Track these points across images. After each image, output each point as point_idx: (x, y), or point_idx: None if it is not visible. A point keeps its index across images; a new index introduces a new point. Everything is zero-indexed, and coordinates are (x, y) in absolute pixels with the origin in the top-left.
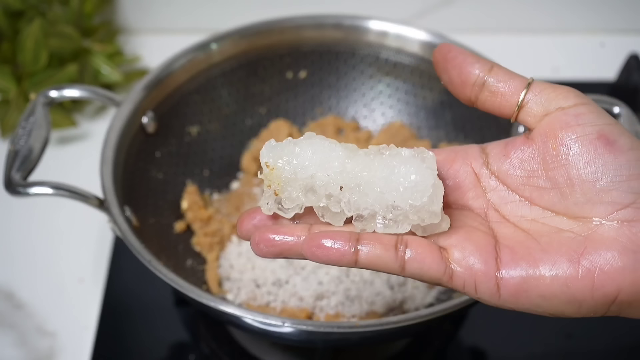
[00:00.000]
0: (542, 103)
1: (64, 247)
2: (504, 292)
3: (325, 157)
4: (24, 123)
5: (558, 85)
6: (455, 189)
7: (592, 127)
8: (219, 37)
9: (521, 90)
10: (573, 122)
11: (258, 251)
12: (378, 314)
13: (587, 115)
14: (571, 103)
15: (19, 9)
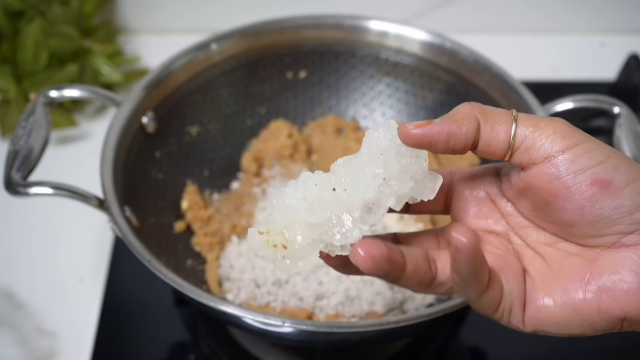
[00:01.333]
0: (528, 151)
1: (64, 247)
2: (526, 320)
3: (306, 191)
4: (24, 123)
5: (543, 121)
6: (475, 216)
7: (584, 174)
8: (219, 37)
9: (508, 140)
10: (563, 173)
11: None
12: (378, 314)
13: (578, 161)
14: (558, 148)
15: (19, 9)
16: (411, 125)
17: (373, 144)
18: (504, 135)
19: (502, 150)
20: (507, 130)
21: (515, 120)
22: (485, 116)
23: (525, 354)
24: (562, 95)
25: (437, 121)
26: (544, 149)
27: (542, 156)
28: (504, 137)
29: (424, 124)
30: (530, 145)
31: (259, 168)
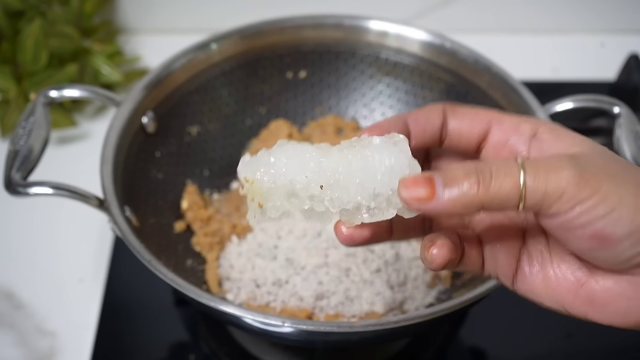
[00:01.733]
0: (536, 208)
1: (64, 247)
2: (516, 287)
3: (300, 160)
4: (24, 123)
5: (552, 176)
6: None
7: (583, 229)
8: (219, 37)
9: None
10: (563, 236)
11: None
12: (378, 314)
13: (580, 219)
14: (565, 208)
15: (19, 9)
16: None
17: (372, 158)
18: (514, 192)
19: (513, 207)
20: (517, 185)
21: (523, 168)
22: (485, 175)
23: (525, 354)
24: (562, 95)
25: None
26: (552, 209)
27: (549, 213)
28: (514, 194)
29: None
30: (539, 205)
31: None
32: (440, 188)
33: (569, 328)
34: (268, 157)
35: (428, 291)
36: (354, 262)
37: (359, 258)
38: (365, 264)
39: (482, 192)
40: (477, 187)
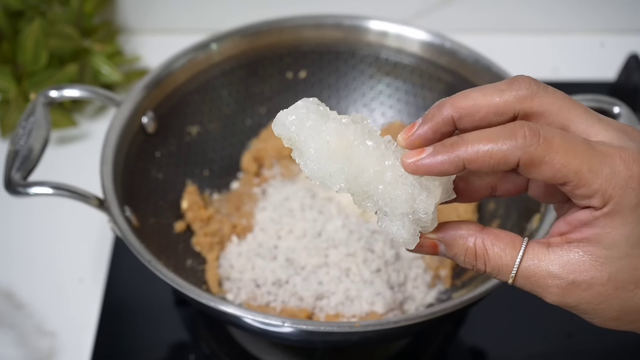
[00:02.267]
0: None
1: (64, 247)
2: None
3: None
4: (24, 123)
5: (551, 249)
6: None
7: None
8: (219, 37)
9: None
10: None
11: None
12: (378, 314)
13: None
14: (565, 281)
15: (19, 9)
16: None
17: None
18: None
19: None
20: (513, 259)
21: (523, 248)
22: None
23: (525, 354)
24: None
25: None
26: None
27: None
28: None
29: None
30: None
31: (259, 168)
32: (442, 253)
33: (570, 328)
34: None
35: (428, 291)
36: (354, 262)
37: (359, 258)
38: (365, 264)
39: (475, 270)
40: (471, 268)
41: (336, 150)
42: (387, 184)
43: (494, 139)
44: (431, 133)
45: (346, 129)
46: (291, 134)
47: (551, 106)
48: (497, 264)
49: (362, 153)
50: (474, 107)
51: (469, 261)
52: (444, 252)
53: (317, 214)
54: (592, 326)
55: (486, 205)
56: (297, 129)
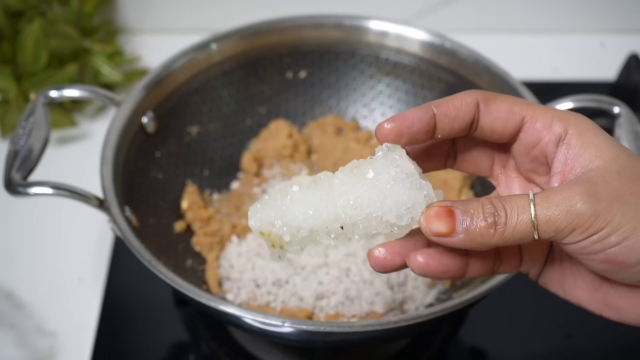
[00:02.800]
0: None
1: (64, 247)
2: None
3: (314, 208)
4: (24, 123)
5: (563, 213)
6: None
7: (596, 256)
8: (219, 37)
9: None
10: (579, 258)
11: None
12: (378, 314)
13: (593, 247)
14: (577, 239)
15: (19, 9)
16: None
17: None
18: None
19: (529, 241)
20: (529, 228)
21: (534, 207)
22: (500, 217)
23: (525, 354)
24: (562, 95)
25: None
26: (565, 241)
27: (563, 243)
28: (527, 234)
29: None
30: (553, 238)
31: (259, 168)
32: (460, 226)
33: (569, 328)
34: (278, 207)
35: (428, 291)
36: (353, 262)
37: (358, 258)
38: (365, 264)
39: (497, 237)
40: (494, 230)
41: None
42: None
43: (454, 97)
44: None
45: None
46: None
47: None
48: (514, 199)
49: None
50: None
51: (488, 210)
52: (460, 219)
53: None
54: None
55: None
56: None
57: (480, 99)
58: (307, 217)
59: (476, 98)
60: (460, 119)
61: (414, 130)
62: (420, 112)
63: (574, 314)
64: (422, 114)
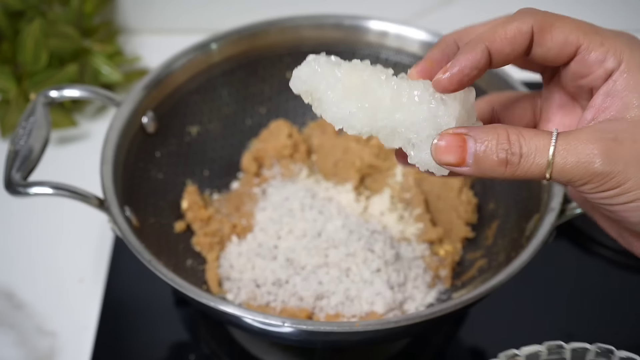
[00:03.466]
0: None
1: (64, 247)
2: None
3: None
4: (24, 123)
5: (579, 165)
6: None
7: (605, 207)
8: (219, 37)
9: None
10: (593, 203)
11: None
12: (378, 314)
13: (601, 201)
14: (586, 190)
15: (19, 9)
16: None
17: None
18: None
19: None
20: (543, 172)
21: (553, 153)
22: (514, 156)
23: None
24: None
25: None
26: (577, 188)
27: (575, 187)
28: (539, 176)
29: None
30: (565, 183)
31: (259, 168)
32: (470, 157)
33: (570, 328)
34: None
35: (428, 291)
36: (353, 262)
37: (358, 258)
38: (365, 264)
39: (508, 173)
40: (505, 168)
41: (351, 88)
42: (405, 110)
43: (505, 20)
44: (439, 54)
45: (357, 68)
46: (307, 87)
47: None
48: (534, 140)
49: (375, 85)
50: (471, 29)
51: (502, 147)
52: (472, 151)
53: (317, 214)
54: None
55: (486, 205)
56: (311, 80)
57: (536, 28)
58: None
59: (531, 27)
60: (515, 52)
61: (473, 75)
62: (475, 56)
63: (574, 314)
64: (479, 57)
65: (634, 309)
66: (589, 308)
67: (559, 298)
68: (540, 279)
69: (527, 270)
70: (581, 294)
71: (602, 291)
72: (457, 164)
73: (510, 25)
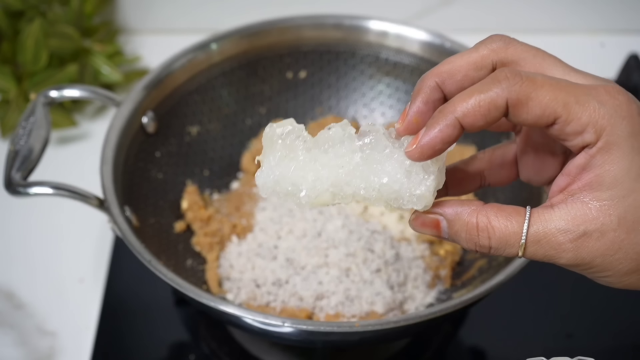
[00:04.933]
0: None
1: (64, 247)
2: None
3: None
4: (24, 123)
5: (549, 246)
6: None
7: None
8: (219, 37)
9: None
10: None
11: None
12: (378, 314)
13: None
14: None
15: (19, 9)
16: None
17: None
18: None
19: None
20: (520, 225)
21: (524, 242)
22: (483, 240)
23: (525, 354)
24: None
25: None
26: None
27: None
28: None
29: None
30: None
31: (258, 168)
32: (446, 235)
33: (570, 328)
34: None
35: (428, 291)
36: (353, 262)
37: (358, 258)
38: (365, 264)
39: (479, 249)
40: (477, 250)
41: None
42: (388, 177)
43: (479, 89)
44: (423, 105)
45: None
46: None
47: (526, 54)
48: (504, 234)
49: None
50: (454, 68)
51: (471, 238)
52: (445, 231)
53: (317, 214)
54: (592, 326)
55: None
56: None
57: (511, 101)
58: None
59: (505, 101)
60: (489, 123)
61: (444, 149)
62: (447, 131)
63: (574, 313)
64: (450, 132)
65: (634, 309)
66: (589, 308)
67: (559, 298)
68: (540, 279)
69: (527, 270)
70: (581, 294)
71: (602, 291)
72: (436, 236)
73: (484, 96)
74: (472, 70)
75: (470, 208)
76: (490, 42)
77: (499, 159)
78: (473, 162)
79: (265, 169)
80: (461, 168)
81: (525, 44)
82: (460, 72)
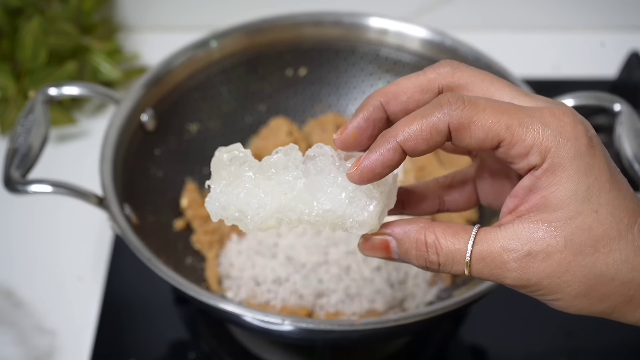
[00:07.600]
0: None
1: (64, 245)
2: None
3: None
4: (23, 121)
5: (494, 265)
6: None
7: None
8: (218, 35)
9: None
10: None
11: None
12: (378, 312)
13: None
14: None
15: (18, 6)
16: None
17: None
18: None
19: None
20: (465, 242)
21: (469, 260)
22: (432, 264)
23: (525, 353)
24: (562, 92)
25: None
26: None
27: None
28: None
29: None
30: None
31: None
32: (396, 255)
33: (570, 326)
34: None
35: (428, 289)
36: (354, 260)
37: (359, 256)
38: (365, 262)
39: (429, 265)
40: (427, 267)
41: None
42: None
43: (421, 114)
44: (363, 121)
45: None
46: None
47: (473, 78)
48: (450, 250)
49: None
50: (400, 89)
51: (420, 254)
52: (395, 251)
53: None
54: (592, 325)
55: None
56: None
57: (452, 126)
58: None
59: (447, 126)
60: (432, 148)
61: (386, 172)
62: (387, 155)
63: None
64: (391, 156)
65: None
66: None
67: None
68: None
69: None
70: None
71: None
72: (386, 258)
73: (426, 121)
74: (418, 92)
75: (418, 225)
76: (439, 67)
77: (459, 184)
78: (433, 184)
79: (212, 195)
80: (420, 189)
81: (474, 69)
82: (405, 94)
